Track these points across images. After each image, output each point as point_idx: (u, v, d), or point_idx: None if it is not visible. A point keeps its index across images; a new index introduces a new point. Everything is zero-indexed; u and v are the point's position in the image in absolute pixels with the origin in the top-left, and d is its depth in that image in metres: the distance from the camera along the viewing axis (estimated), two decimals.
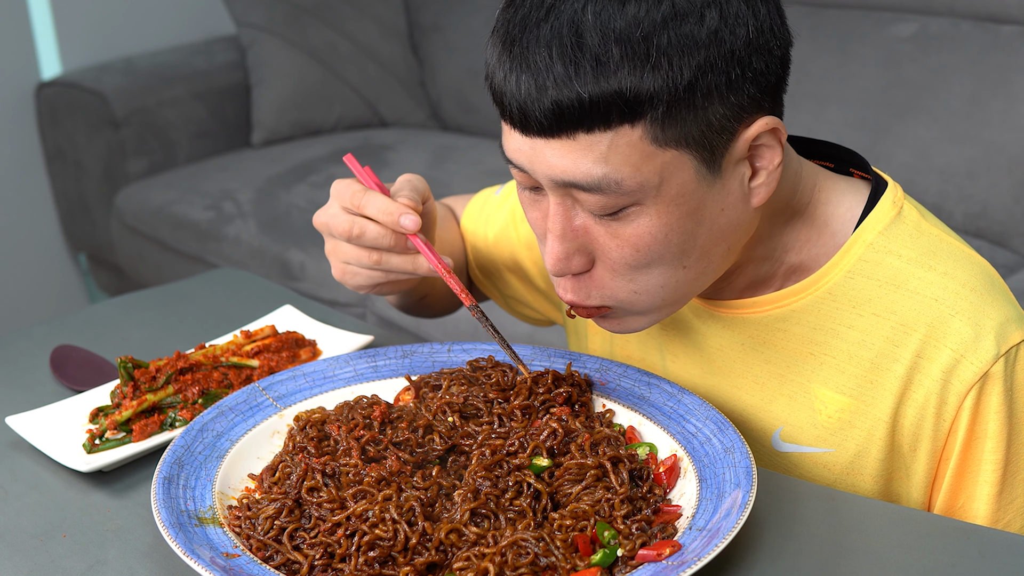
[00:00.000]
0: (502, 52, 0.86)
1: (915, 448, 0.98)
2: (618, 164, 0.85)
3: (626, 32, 0.82)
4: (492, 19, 0.90)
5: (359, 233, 1.00)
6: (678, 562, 0.83)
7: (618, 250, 0.90)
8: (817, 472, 1.03)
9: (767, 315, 1.02)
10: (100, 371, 1.22)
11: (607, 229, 0.90)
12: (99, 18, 3.20)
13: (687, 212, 0.89)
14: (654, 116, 0.84)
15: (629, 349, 1.15)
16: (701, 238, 0.91)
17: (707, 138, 0.86)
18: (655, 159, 0.86)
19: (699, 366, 1.08)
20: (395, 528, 0.87)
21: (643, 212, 0.88)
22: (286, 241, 2.68)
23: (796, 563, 0.88)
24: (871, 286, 0.98)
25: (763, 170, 0.91)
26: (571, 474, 0.94)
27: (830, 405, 1.00)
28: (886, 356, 0.97)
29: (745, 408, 1.06)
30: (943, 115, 2.36)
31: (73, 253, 3.32)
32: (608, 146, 0.85)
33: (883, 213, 0.99)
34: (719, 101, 0.85)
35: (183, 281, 1.48)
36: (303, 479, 0.93)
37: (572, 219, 0.90)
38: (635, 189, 0.86)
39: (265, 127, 3.15)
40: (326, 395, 1.08)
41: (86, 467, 1.01)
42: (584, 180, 0.86)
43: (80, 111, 3.03)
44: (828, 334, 1.00)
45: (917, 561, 0.88)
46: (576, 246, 0.91)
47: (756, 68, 0.86)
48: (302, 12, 3.16)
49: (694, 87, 0.84)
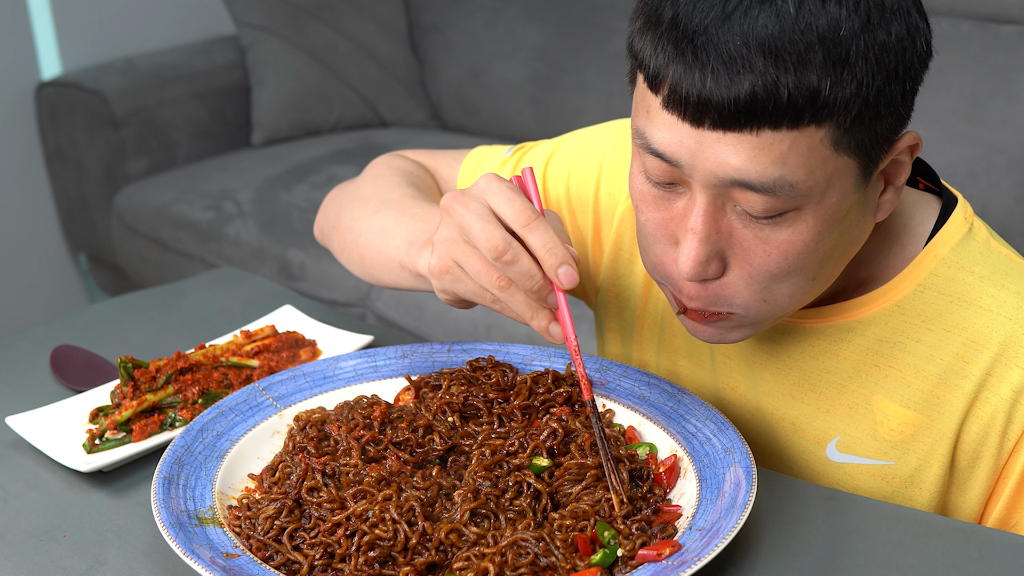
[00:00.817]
0: (680, 39, 0.81)
1: (974, 465, 0.97)
2: (795, 166, 0.82)
3: (829, 32, 0.79)
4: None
5: (510, 260, 0.86)
6: (678, 562, 0.83)
7: (764, 256, 0.86)
8: (874, 484, 1.01)
9: (832, 325, 1.00)
10: (100, 371, 1.22)
11: (757, 233, 0.86)
12: (99, 18, 3.20)
13: (836, 220, 0.86)
14: (841, 120, 0.81)
15: (676, 344, 1.12)
16: (838, 248, 0.89)
17: (873, 147, 0.85)
18: (829, 164, 0.83)
19: (753, 370, 1.06)
20: (395, 528, 0.87)
21: (800, 218, 0.85)
22: (286, 241, 2.68)
23: (796, 563, 0.88)
24: (942, 301, 0.97)
25: (892, 186, 0.90)
26: (571, 474, 0.94)
27: (893, 418, 0.99)
28: (954, 372, 0.96)
29: (799, 415, 1.04)
30: (943, 115, 2.36)
31: (73, 253, 3.32)
32: (789, 146, 0.81)
33: (955, 229, 0.98)
34: (890, 112, 0.84)
35: (183, 281, 1.48)
36: (303, 479, 0.93)
37: (720, 220, 0.86)
38: (804, 193, 0.83)
39: (265, 127, 3.15)
40: (326, 395, 1.08)
41: (86, 467, 1.01)
42: (758, 180, 0.82)
43: (80, 111, 3.03)
44: (895, 347, 0.98)
45: (917, 561, 0.88)
46: (716, 250, 0.87)
47: (917, 85, 0.86)
48: (302, 12, 3.16)
49: (880, 96, 0.82)
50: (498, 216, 0.88)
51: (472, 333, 2.30)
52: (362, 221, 1.13)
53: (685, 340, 1.11)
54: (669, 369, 1.14)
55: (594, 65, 2.95)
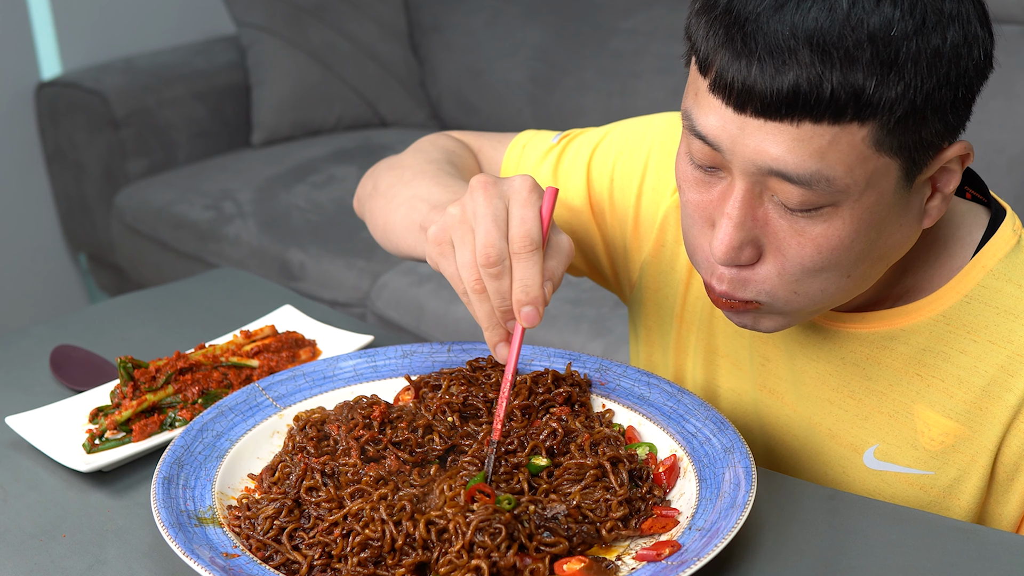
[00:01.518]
0: (731, 25, 0.81)
1: (1013, 477, 0.96)
2: (834, 161, 0.82)
3: (879, 32, 0.79)
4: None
5: (495, 275, 0.89)
6: (678, 562, 0.83)
7: (798, 248, 0.86)
8: (911, 493, 1.00)
9: (874, 332, 0.99)
10: (100, 371, 1.22)
11: (792, 225, 0.86)
12: (99, 18, 3.20)
13: (875, 221, 0.86)
14: (885, 121, 0.81)
15: (716, 343, 1.11)
16: (876, 250, 0.88)
17: (918, 151, 0.84)
18: (869, 163, 0.82)
19: (793, 374, 1.05)
20: (383, 528, 0.86)
21: (837, 214, 0.85)
22: (286, 241, 2.68)
23: (796, 563, 0.88)
24: (989, 313, 0.96)
25: (939, 193, 0.90)
26: (570, 474, 0.94)
27: (934, 428, 0.98)
28: (999, 384, 0.95)
29: (836, 423, 1.03)
30: None
31: (73, 253, 3.32)
32: (830, 141, 0.81)
33: (1004, 241, 0.97)
34: (938, 118, 0.83)
35: (183, 281, 1.48)
36: (302, 479, 0.93)
37: (756, 208, 0.86)
38: (842, 189, 0.83)
39: (265, 127, 3.15)
40: (326, 395, 1.08)
41: (86, 467, 1.01)
42: (795, 171, 0.82)
43: (80, 111, 3.03)
44: (938, 357, 0.97)
45: (917, 561, 0.88)
46: (751, 237, 0.87)
47: (972, 96, 0.85)
48: (302, 12, 3.16)
49: (928, 100, 0.81)
50: (503, 233, 0.90)
51: (472, 333, 2.30)
52: (396, 188, 1.13)
53: (725, 339, 1.10)
54: (706, 370, 1.13)
55: (594, 65, 2.95)
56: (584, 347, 2.17)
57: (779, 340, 1.06)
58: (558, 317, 2.25)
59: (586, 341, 2.19)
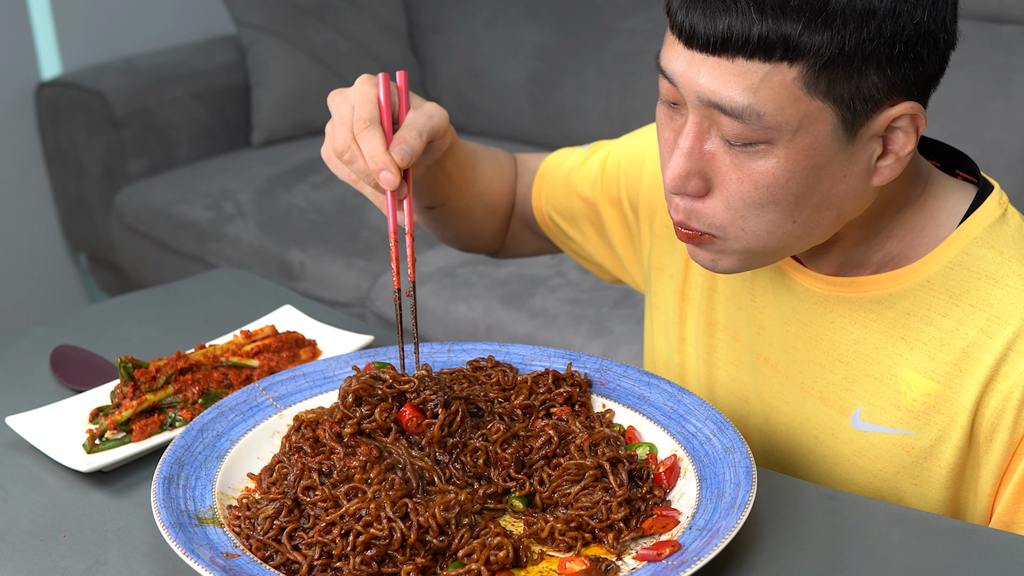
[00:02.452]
0: None
1: (991, 439, 0.99)
2: (765, 98, 0.88)
3: None
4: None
5: (349, 159, 1.03)
6: (678, 562, 0.83)
7: (738, 182, 0.93)
8: (894, 454, 1.04)
9: (863, 296, 1.04)
10: (100, 371, 1.22)
11: (733, 160, 0.92)
12: (99, 18, 3.20)
13: (812, 165, 0.91)
14: (812, 64, 0.87)
15: (715, 316, 1.16)
16: (816, 196, 0.93)
17: (854, 101, 0.89)
18: (800, 104, 0.89)
19: (785, 340, 1.09)
20: (390, 527, 0.87)
21: (772, 152, 0.91)
22: (286, 241, 2.68)
23: (796, 563, 0.88)
24: (971, 278, 1.00)
25: (893, 153, 0.94)
26: (570, 474, 0.94)
27: (916, 388, 1.01)
28: (977, 346, 0.98)
29: (827, 386, 1.07)
30: (943, 115, 2.36)
31: (73, 253, 3.32)
32: (761, 78, 0.88)
33: (988, 212, 1.01)
34: (876, 71, 0.88)
35: (183, 281, 1.48)
36: (299, 479, 0.93)
37: (703, 142, 0.93)
38: (773, 127, 0.89)
39: (265, 127, 3.15)
40: (326, 395, 1.08)
41: (86, 467, 1.01)
42: (729, 104, 0.89)
43: (80, 111, 3.03)
44: (922, 320, 1.01)
45: (917, 561, 0.88)
46: (698, 168, 0.94)
47: (919, 53, 0.90)
48: (302, 12, 3.16)
49: (857, 51, 0.87)
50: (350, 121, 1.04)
51: (472, 333, 2.31)
52: None
53: (724, 313, 1.16)
54: (707, 342, 1.18)
55: (594, 65, 2.95)
56: (584, 347, 2.17)
57: (773, 308, 1.10)
58: (558, 317, 2.25)
59: (586, 341, 2.19)
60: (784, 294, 1.09)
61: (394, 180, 1.01)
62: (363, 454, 0.92)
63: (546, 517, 0.91)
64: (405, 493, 0.89)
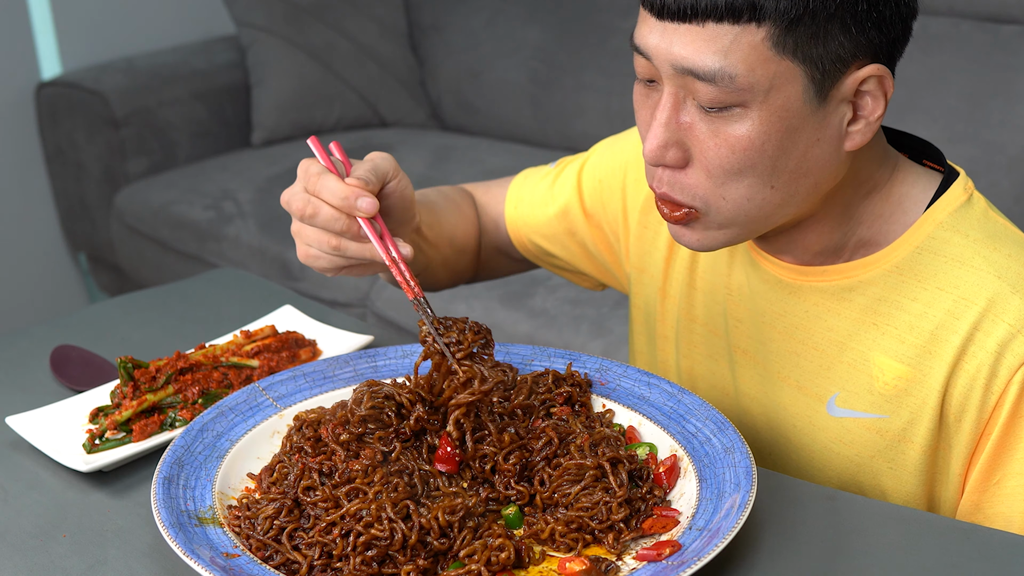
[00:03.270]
0: None
1: (960, 419, 1.00)
2: (736, 60, 0.91)
3: None
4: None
5: (312, 213, 1.01)
6: (678, 562, 0.83)
7: (715, 149, 0.95)
8: (868, 438, 1.05)
9: (833, 284, 1.05)
10: (100, 371, 1.22)
11: (709, 126, 0.94)
12: (99, 18, 3.20)
13: (786, 128, 0.94)
14: (779, 22, 0.90)
15: (694, 313, 1.18)
16: (792, 161, 0.95)
17: (823, 61, 0.92)
18: (770, 64, 0.91)
19: (762, 331, 1.11)
20: (391, 527, 0.87)
21: (746, 115, 0.93)
22: (286, 241, 2.68)
23: (796, 563, 0.88)
24: (938, 262, 1.01)
25: (863, 118, 0.96)
26: (570, 474, 0.94)
27: (887, 372, 1.03)
28: (945, 327, 1.00)
29: (802, 375, 1.08)
30: (943, 115, 2.36)
31: (73, 253, 3.32)
32: (732, 40, 0.91)
33: (954, 197, 1.03)
34: (841, 30, 0.91)
35: (183, 281, 1.48)
36: (300, 479, 0.93)
37: (680, 112, 0.95)
38: (745, 88, 0.92)
39: (265, 127, 3.15)
40: (326, 395, 1.08)
41: (86, 467, 1.01)
42: (702, 69, 0.92)
43: (80, 111, 3.03)
44: (892, 305, 1.03)
45: (917, 561, 0.88)
46: (676, 139, 0.96)
47: (882, 14, 0.93)
48: (302, 12, 3.16)
49: (822, 9, 0.90)
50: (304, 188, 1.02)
51: None
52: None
53: (703, 310, 1.17)
54: (688, 338, 1.19)
55: (594, 65, 2.95)
56: (584, 347, 2.17)
57: (748, 301, 1.12)
58: (558, 317, 2.25)
59: (586, 341, 2.19)
60: (758, 286, 1.10)
61: (372, 200, 1.00)
62: (366, 458, 0.92)
63: (546, 518, 0.91)
64: (408, 496, 0.89)
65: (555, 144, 3.04)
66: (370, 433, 0.95)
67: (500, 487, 0.95)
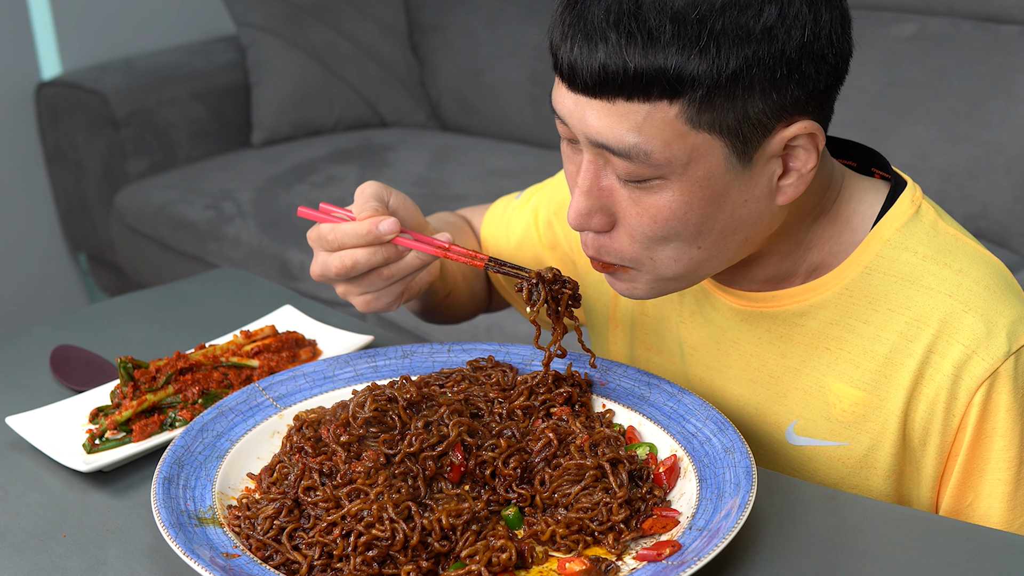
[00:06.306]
0: (565, 8, 0.89)
1: (925, 443, 0.99)
2: (650, 136, 0.87)
3: (683, 11, 0.84)
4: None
5: (352, 264, 1.01)
6: (678, 562, 0.83)
7: (637, 218, 0.92)
8: (831, 466, 1.03)
9: (785, 310, 1.03)
10: (100, 371, 1.22)
11: (631, 195, 0.92)
12: (99, 18, 3.20)
13: (709, 195, 0.90)
14: (693, 98, 0.86)
15: (649, 341, 1.16)
16: (719, 223, 0.93)
17: (742, 129, 0.88)
18: (687, 139, 0.87)
19: (718, 359, 1.09)
20: (392, 528, 0.87)
21: (667, 187, 0.90)
22: (286, 241, 2.68)
23: (796, 563, 0.88)
24: (887, 282, 0.99)
25: (795, 171, 0.93)
26: (570, 475, 0.94)
27: (844, 399, 1.01)
28: (899, 351, 0.98)
29: (761, 402, 1.06)
30: (943, 115, 2.36)
31: (73, 253, 3.32)
32: (644, 117, 0.87)
33: (901, 211, 1.00)
34: (760, 96, 0.87)
35: (183, 281, 1.48)
36: (300, 479, 0.93)
37: (600, 179, 0.93)
38: (662, 163, 0.88)
39: (265, 127, 3.15)
40: (326, 395, 1.08)
41: (86, 467, 1.01)
42: (616, 145, 0.88)
43: (80, 111, 3.03)
44: (844, 329, 1.00)
45: (917, 561, 0.88)
46: (599, 205, 0.93)
47: (804, 72, 0.87)
48: (302, 12, 3.16)
49: (737, 78, 0.85)
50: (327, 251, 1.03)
51: (472, 333, 2.30)
52: None
53: (655, 336, 1.15)
54: (644, 365, 1.18)
55: None
56: None
57: (702, 328, 1.10)
58: None
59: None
60: (711, 314, 1.08)
61: (391, 219, 1.01)
62: (369, 459, 0.92)
63: (547, 519, 0.91)
64: (411, 497, 0.89)
65: (555, 144, 3.04)
66: (373, 436, 0.95)
67: (501, 490, 0.95)
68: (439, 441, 0.95)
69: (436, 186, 2.80)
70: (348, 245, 1.01)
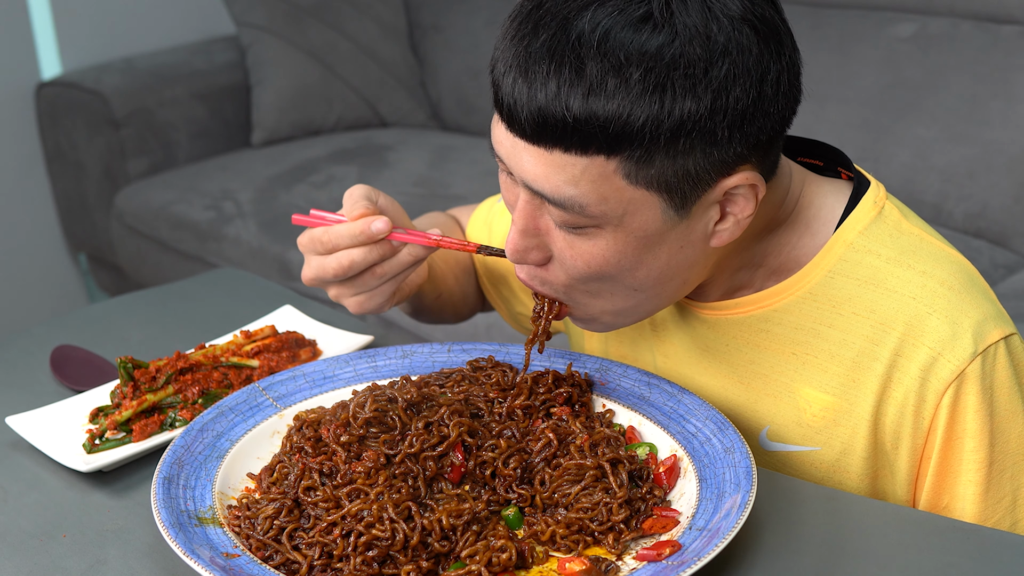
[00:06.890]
0: (508, 47, 0.87)
1: (897, 446, 0.99)
2: (586, 189, 0.86)
3: (629, 60, 0.82)
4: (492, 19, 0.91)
5: (348, 264, 1.02)
6: (678, 562, 0.83)
7: (572, 259, 0.92)
8: (805, 470, 1.03)
9: (750, 315, 1.03)
10: (100, 371, 1.22)
11: (565, 237, 0.92)
12: (99, 18, 3.20)
13: (644, 245, 0.90)
14: (631, 155, 0.84)
15: (623, 350, 1.16)
16: (655, 270, 0.93)
17: (682, 184, 0.87)
18: (623, 193, 0.87)
19: (688, 367, 1.09)
20: (393, 528, 0.87)
21: (601, 235, 0.90)
22: (286, 241, 2.68)
23: (796, 563, 0.88)
24: (851, 285, 0.98)
25: (732, 216, 0.92)
26: (570, 475, 0.94)
27: (814, 404, 1.01)
28: (866, 355, 0.98)
29: (732, 408, 1.06)
30: (943, 115, 2.36)
31: (73, 253, 3.32)
32: (581, 170, 0.86)
33: (863, 213, 0.99)
34: (700, 154, 0.85)
35: (183, 281, 1.48)
36: (300, 479, 0.93)
37: (537, 218, 0.92)
38: (598, 215, 0.88)
39: (265, 127, 3.15)
40: (326, 395, 1.08)
41: (86, 467, 1.01)
42: (551, 195, 0.88)
43: (80, 111, 3.03)
44: (810, 334, 1.00)
45: (916, 561, 0.88)
46: (536, 243, 0.94)
47: (747, 130, 0.86)
48: (302, 12, 3.16)
49: (676, 136, 0.84)
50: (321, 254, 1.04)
51: (472, 333, 2.30)
52: None
53: (631, 346, 1.15)
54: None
55: None
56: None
57: (674, 335, 1.09)
58: None
59: None
60: (681, 322, 1.08)
61: (382, 218, 1.01)
62: (369, 460, 0.92)
63: (547, 520, 0.91)
64: (411, 498, 0.89)
65: None
66: (374, 436, 0.95)
67: (501, 490, 0.95)
68: (439, 441, 0.95)
69: (436, 186, 2.80)
70: (343, 246, 1.02)
